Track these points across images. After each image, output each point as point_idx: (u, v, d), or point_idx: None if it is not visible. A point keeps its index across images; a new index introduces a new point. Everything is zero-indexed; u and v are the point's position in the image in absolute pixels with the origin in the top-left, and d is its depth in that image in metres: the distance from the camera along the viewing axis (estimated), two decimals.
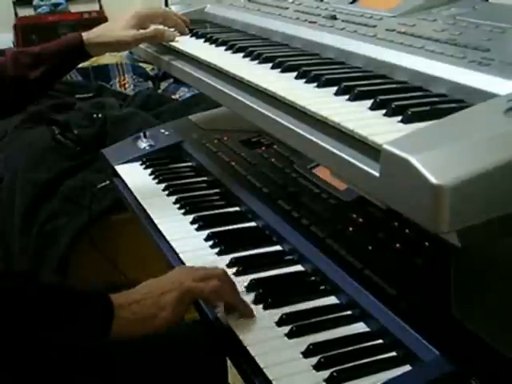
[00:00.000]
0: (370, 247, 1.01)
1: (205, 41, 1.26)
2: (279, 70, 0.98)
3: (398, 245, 0.99)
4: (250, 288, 1.00)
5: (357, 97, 0.82)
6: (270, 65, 1.00)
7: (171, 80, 2.78)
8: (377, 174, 0.65)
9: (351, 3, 1.17)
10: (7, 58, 1.24)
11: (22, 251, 1.89)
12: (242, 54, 1.10)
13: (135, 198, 1.37)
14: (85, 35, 1.27)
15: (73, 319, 0.90)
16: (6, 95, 1.24)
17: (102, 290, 0.96)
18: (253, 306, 0.96)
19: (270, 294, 0.98)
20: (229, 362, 1.00)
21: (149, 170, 1.49)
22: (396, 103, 0.76)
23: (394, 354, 0.85)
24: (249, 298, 0.98)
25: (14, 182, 1.99)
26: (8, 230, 1.95)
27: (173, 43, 1.30)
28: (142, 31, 1.29)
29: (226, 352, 0.93)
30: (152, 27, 1.31)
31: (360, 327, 0.91)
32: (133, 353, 1.05)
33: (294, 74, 0.94)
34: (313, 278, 1.03)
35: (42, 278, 1.54)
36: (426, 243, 0.96)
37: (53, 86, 1.39)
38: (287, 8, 1.27)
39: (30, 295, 0.90)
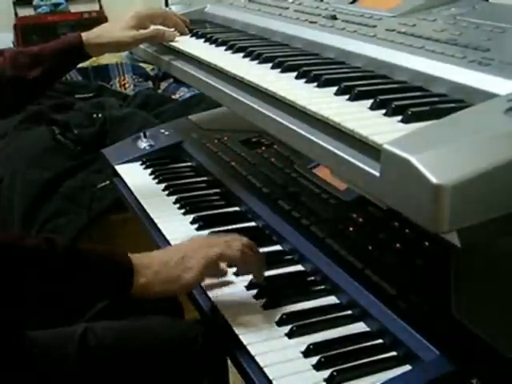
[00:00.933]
0: (370, 247, 1.01)
1: (205, 41, 1.26)
2: (279, 70, 0.98)
3: (398, 245, 0.99)
4: (250, 288, 1.00)
5: (357, 97, 0.82)
6: (270, 65, 1.00)
7: (171, 80, 2.78)
8: (377, 174, 0.65)
9: (351, 3, 1.17)
10: (5, 58, 1.24)
11: None
12: (241, 54, 1.10)
13: (135, 197, 1.37)
14: (84, 35, 1.27)
15: (93, 276, 0.91)
16: (5, 95, 1.24)
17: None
18: (253, 306, 0.96)
19: (270, 293, 0.98)
20: (229, 362, 1.00)
21: (149, 170, 1.49)
22: (396, 103, 0.76)
23: (394, 353, 0.85)
24: (249, 297, 0.98)
25: (14, 182, 1.99)
26: (8, 229, 1.95)
27: (173, 43, 1.30)
28: (141, 31, 1.29)
29: (225, 352, 0.93)
30: (152, 27, 1.31)
31: (360, 327, 0.91)
32: (133, 353, 1.05)
33: (294, 74, 0.94)
34: (313, 278, 1.03)
35: None
36: (426, 243, 0.96)
37: (52, 86, 1.39)
38: (287, 8, 1.27)
39: (51, 253, 0.90)
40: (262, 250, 1.12)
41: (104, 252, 0.95)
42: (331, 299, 0.98)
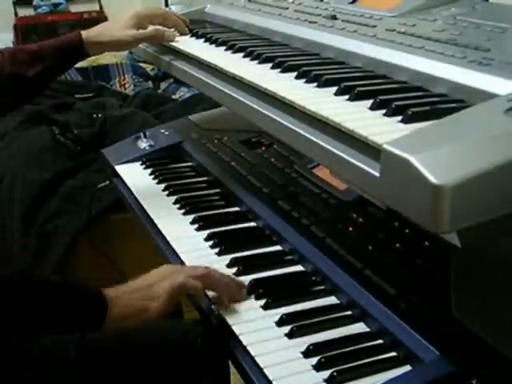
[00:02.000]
0: (370, 247, 1.01)
1: (205, 41, 1.26)
2: (279, 70, 0.98)
3: (397, 245, 0.99)
4: (249, 288, 1.00)
5: (357, 97, 0.82)
6: (270, 65, 1.00)
7: (171, 80, 2.78)
8: (377, 174, 0.65)
9: (351, 3, 1.17)
10: (4, 55, 1.23)
11: (22, 251, 1.89)
12: (241, 54, 1.10)
13: (135, 197, 1.37)
14: (84, 34, 1.27)
15: (68, 311, 0.93)
16: (3, 93, 1.23)
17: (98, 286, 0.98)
18: (253, 307, 0.96)
19: (270, 294, 0.98)
20: (230, 363, 1.00)
21: (149, 170, 1.49)
22: (396, 103, 0.76)
23: (394, 354, 0.85)
24: (249, 298, 0.98)
25: (14, 182, 1.99)
26: (8, 229, 1.95)
27: (173, 43, 1.30)
28: (141, 31, 1.29)
29: (225, 352, 0.93)
30: (151, 27, 1.31)
31: (360, 327, 0.91)
32: (132, 354, 1.05)
33: (294, 73, 0.94)
34: (313, 278, 1.03)
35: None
36: (426, 243, 0.96)
37: (50, 84, 1.39)
38: (287, 8, 1.27)
39: (26, 287, 0.91)
40: (262, 250, 1.13)
41: (77, 287, 0.97)
42: (331, 299, 0.98)
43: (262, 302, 0.97)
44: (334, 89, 0.85)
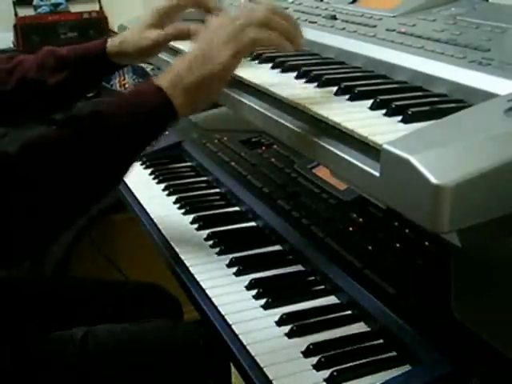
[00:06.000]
0: (370, 247, 1.01)
1: None
2: (279, 69, 0.98)
3: (397, 245, 0.99)
4: (250, 288, 1.00)
5: (357, 97, 0.82)
6: (270, 65, 1.00)
7: None
8: (377, 174, 0.65)
9: (351, 3, 1.17)
10: (34, 60, 1.12)
11: None
12: None
13: (135, 197, 1.37)
14: (110, 41, 1.11)
15: (134, 127, 0.82)
16: (23, 100, 1.13)
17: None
18: (253, 306, 0.96)
19: (270, 293, 0.98)
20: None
21: (149, 170, 1.49)
22: (396, 103, 0.76)
23: (394, 353, 0.85)
24: (249, 298, 0.98)
25: None
26: None
27: (172, 43, 1.29)
28: (162, 33, 1.09)
29: (226, 352, 0.93)
30: (175, 24, 1.11)
31: (360, 327, 0.91)
32: (134, 356, 1.05)
33: (294, 73, 0.94)
34: (313, 278, 1.03)
35: (42, 278, 1.54)
36: (426, 243, 0.96)
37: (76, 97, 1.18)
38: (287, 8, 1.27)
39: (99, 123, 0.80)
40: (262, 250, 1.13)
41: (130, 99, 0.84)
42: (331, 299, 0.98)
43: (262, 301, 0.97)
44: (334, 89, 0.85)
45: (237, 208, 1.29)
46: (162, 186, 1.41)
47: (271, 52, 1.07)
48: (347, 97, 0.83)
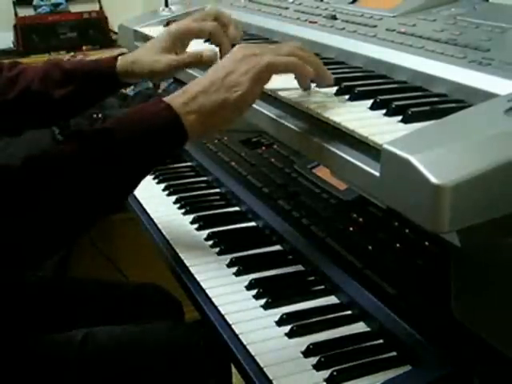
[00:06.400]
0: (370, 247, 1.01)
1: (205, 41, 1.26)
2: None
3: (397, 245, 0.99)
4: (250, 288, 1.00)
5: (357, 97, 0.82)
6: None
7: (171, 80, 2.77)
8: (377, 174, 0.65)
9: (351, 3, 1.17)
10: (37, 71, 1.11)
11: None
12: None
13: (135, 197, 1.37)
14: (120, 59, 1.10)
15: (142, 148, 0.79)
16: (26, 111, 1.12)
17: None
18: (253, 306, 0.96)
19: (270, 293, 0.98)
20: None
21: None
22: (396, 103, 0.76)
23: (394, 353, 0.85)
24: (249, 297, 0.98)
25: None
26: None
27: None
28: (175, 58, 1.06)
29: (226, 352, 0.93)
30: (188, 51, 1.09)
31: (360, 327, 0.91)
32: (135, 358, 1.05)
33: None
34: (313, 278, 1.03)
35: (42, 277, 1.54)
36: (426, 243, 0.96)
37: (80, 111, 1.20)
38: (287, 8, 1.27)
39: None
40: (262, 250, 1.13)
41: (139, 117, 0.81)
42: (331, 299, 0.98)
43: (262, 301, 0.97)
44: (335, 89, 0.85)
45: (237, 208, 1.29)
46: (162, 186, 1.41)
47: None
48: (347, 97, 0.83)
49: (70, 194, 0.75)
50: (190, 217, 1.25)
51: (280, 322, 0.92)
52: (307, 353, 0.85)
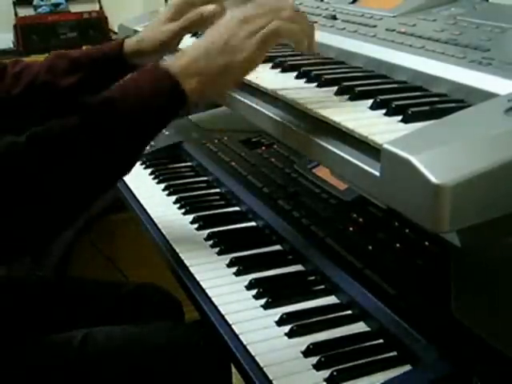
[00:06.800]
0: (371, 247, 1.01)
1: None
2: (279, 69, 0.98)
3: (398, 245, 0.99)
4: (250, 288, 1.00)
5: (357, 97, 0.82)
6: (270, 65, 1.00)
7: None
8: (377, 174, 0.65)
9: (351, 3, 1.17)
10: (43, 63, 1.10)
11: None
12: None
13: (135, 197, 1.37)
14: (127, 40, 1.08)
15: (142, 112, 0.79)
16: (33, 103, 1.10)
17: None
18: (253, 306, 0.96)
19: (270, 293, 0.98)
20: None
21: (149, 170, 1.49)
22: (396, 103, 0.76)
23: (394, 353, 0.85)
24: (249, 297, 0.98)
25: None
26: None
27: None
28: (175, 22, 1.04)
29: (226, 352, 0.93)
30: (185, 16, 1.05)
31: (360, 327, 0.91)
32: (135, 358, 1.05)
33: (294, 73, 0.94)
34: (313, 278, 1.03)
35: (42, 277, 1.54)
36: (426, 243, 0.96)
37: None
38: None
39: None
40: (262, 249, 1.13)
41: (138, 81, 0.80)
42: (331, 299, 0.98)
43: (262, 301, 0.97)
44: (334, 89, 0.85)
45: (237, 208, 1.29)
46: (162, 185, 1.41)
47: (270, 52, 1.07)
48: (347, 97, 0.83)
49: (76, 165, 0.75)
50: (190, 217, 1.25)
51: (280, 322, 0.92)
52: (307, 353, 0.85)
